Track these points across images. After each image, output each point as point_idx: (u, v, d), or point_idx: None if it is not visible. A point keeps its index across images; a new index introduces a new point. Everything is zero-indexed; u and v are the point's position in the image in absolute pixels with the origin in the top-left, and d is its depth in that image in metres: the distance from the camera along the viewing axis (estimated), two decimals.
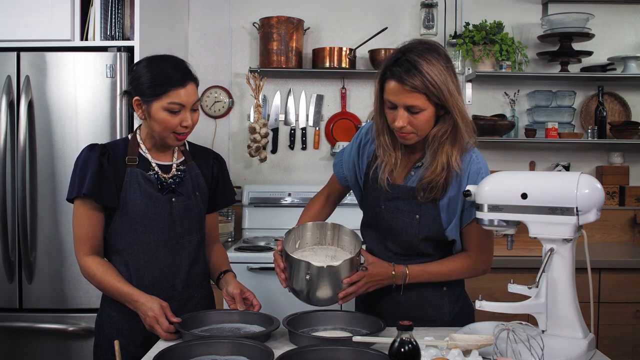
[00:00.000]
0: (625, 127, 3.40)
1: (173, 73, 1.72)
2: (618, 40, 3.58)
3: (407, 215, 1.73)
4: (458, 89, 1.63)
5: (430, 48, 1.62)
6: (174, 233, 1.79)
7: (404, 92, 1.58)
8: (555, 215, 1.45)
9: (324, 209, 2.01)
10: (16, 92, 2.64)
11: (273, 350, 1.40)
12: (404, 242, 1.75)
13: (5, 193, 2.65)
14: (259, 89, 3.39)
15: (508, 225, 1.54)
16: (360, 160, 1.86)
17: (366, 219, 1.87)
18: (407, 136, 1.65)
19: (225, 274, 1.90)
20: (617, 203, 3.51)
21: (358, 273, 1.63)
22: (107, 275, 1.72)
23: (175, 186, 1.80)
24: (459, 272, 1.76)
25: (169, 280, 1.80)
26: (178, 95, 1.70)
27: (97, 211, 1.74)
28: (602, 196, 1.46)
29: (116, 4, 2.74)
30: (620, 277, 2.91)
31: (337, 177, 1.95)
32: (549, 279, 1.48)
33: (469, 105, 3.57)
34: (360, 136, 1.88)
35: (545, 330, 1.48)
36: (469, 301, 1.90)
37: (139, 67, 1.75)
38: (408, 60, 1.58)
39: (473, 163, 1.69)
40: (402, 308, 1.76)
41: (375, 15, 3.57)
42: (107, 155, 1.75)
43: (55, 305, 2.67)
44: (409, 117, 1.61)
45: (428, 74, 1.56)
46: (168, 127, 1.72)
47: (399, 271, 1.70)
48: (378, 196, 1.78)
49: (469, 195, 1.59)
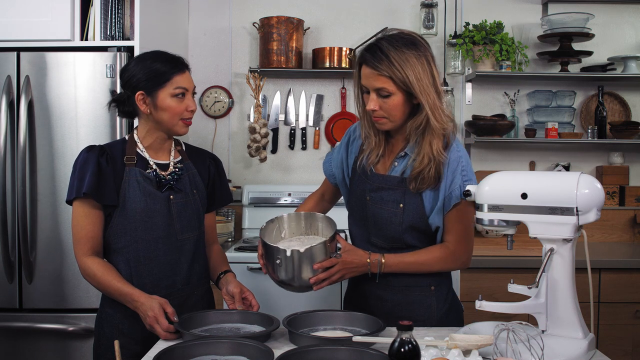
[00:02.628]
0: (625, 127, 3.40)
1: (171, 61, 1.79)
2: (618, 40, 3.58)
3: (391, 205, 1.75)
4: (431, 79, 1.67)
5: (404, 38, 1.68)
6: (173, 230, 1.81)
7: (372, 75, 1.66)
8: (555, 215, 1.45)
9: (319, 205, 2.05)
10: (16, 92, 2.64)
11: (273, 350, 1.40)
12: (388, 233, 1.76)
13: (5, 193, 2.65)
14: (259, 89, 3.39)
15: (508, 225, 1.54)
16: (348, 157, 1.91)
17: (352, 214, 1.90)
18: (380, 120, 1.72)
19: (225, 274, 1.92)
20: (617, 203, 3.51)
21: (330, 259, 1.66)
22: (107, 276, 1.72)
23: (173, 183, 1.82)
24: (436, 263, 1.76)
25: (168, 278, 1.81)
26: (182, 80, 1.78)
27: (97, 210, 1.75)
28: (602, 196, 1.46)
29: (116, 4, 2.74)
30: (620, 277, 2.91)
31: (326, 175, 2.00)
32: (549, 279, 1.48)
33: (469, 105, 3.58)
34: (349, 133, 1.94)
35: (545, 330, 1.48)
36: (458, 301, 1.91)
37: (132, 67, 1.80)
38: (378, 46, 1.67)
39: (453, 151, 1.73)
40: (389, 307, 1.76)
41: (375, 15, 3.57)
42: (105, 155, 1.77)
43: (55, 305, 2.67)
44: (379, 101, 1.68)
45: (394, 58, 1.63)
46: (176, 113, 1.78)
47: (375, 259, 1.72)
48: (363, 188, 1.81)
49: (469, 195, 1.59)
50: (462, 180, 1.71)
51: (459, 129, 3.58)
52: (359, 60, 1.71)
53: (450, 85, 3.39)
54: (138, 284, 1.74)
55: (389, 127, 1.74)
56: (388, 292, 1.79)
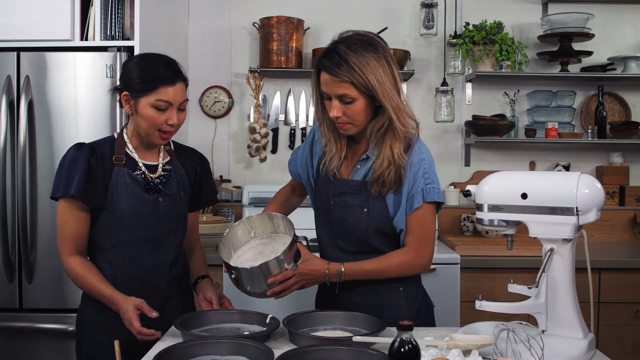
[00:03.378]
0: (625, 127, 3.40)
1: (163, 70, 1.72)
2: (618, 40, 3.58)
3: (356, 210, 1.73)
4: (393, 81, 1.64)
5: (362, 40, 1.64)
6: (159, 232, 1.81)
7: (333, 82, 1.62)
8: (555, 215, 1.45)
9: (288, 201, 2.03)
10: (16, 92, 2.64)
11: (273, 350, 1.40)
12: (354, 237, 1.75)
13: (5, 193, 2.65)
14: (259, 89, 3.39)
15: (508, 225, 1.54)
16: (312, 158, 1.88)
17: (318, 217, 1.88)
18: (344, 126, 1.69)
19: (202, 279, 1.93)
20: (617, 203, 3.51)
21: (285, 273, 1.63)
22: (90, 277, 1.73)
23: (161, 186, 1.81)
24: (397, 269, 1.73)
25: (152, 279, 1.81)
26: (166, 93, 1.71)
27: (83, 212, 1.75)
28: (602, 196, 1.46)
29: (116, 4, 2.74)
30: (620, 277, 2.91)
31: (291, 175, 1.98)
32: (549, 279, 1.48)
33: (469, 105, 3.58)
34: (312, 132, 1.90)
35: (545, 330, 1.48)
36: (428, 300, 1.89)
37: (130, 64, 1.76)
38: (336, 51, 1.62)
39: (415, 154, 1.70)
40: (359, 311, 1.72)
41: (375, 15, 3.57)
42: (95, 156, 1.75)
43: (55, 305, 2.67)
44: (342, 107, 1.64)
45: (355, 64, 1.59)
46: (154, 124, 1.73)
47: (334, 269, 1.70)
48: (327, 193, 1.79)
49: (468, 195, 1.59)
50: (425, 184, 1.68)
51: (458, 129, 3.59)
52: (317, 66, 1.66)
53: (450, 85, 3.39)
54: (122, 284, 1.75)
55: (354, 132, 1.71)
56: (358, 296, 1.78)
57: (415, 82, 3.57)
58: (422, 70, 3.58)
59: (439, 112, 3.38)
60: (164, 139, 1.78)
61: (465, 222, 3.42)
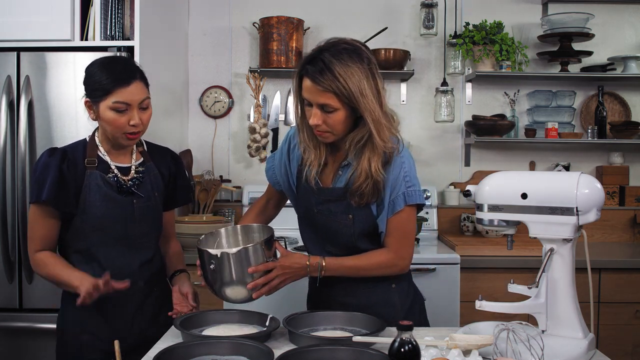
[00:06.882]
0: (625, 127, 3.40)
1: (118, 72, 1.72)
2: (618, 40, 3.58)
3: (340, 217, 1.73)
4: (376, 93, 1.62)
5: (348, 48, 1.61)
6: (134, 234, 1.82)
7: (317, 91, 1.59)
8: (555, 215, 1.45)
9: (263, 214, 2.00)
10: (16, 92, 2.64)
11: (273, 350, 1.40)
12: (341, 241, 1.76)
13: (5, 193, 2.65)
14: (259, 89, 3.39)
15: (508, 225, 1.54)
16: (290, 164, 1.86)
17: (302, 221, 1.87)
18: (322, 135, 1.67)
19: (180, 273, 1.96)
20: (617, 203, 3.51)
21: (266, 264, 1.63)
22: (55, 266, 1.76)
23: (135, 188, 1.82)
24: (376, 268, 1.74)
25: (129, 279, 1.80)
26: (122, 94, 1.70)
27: (53, 217, 1.77)
28: (602, 196, 1.46)
29: (116, 4, 2.73)
30: (620, 277, 2.91)
31: (270, 182, 1.95)
32: (549, 279, 1.48)
33: (469, 105, 3.58)
34: (288, 139, 1.87)
35: (545, 330, 1.48)
36: (419, 294, 1.89)
37: (91, 69, 1.76)
38: (322, 60, 1.59)
39: (394, 159, 1.68)
40: (352, 310, 1.72)
41: (375, 15, 3.57)
42: (66, 161, 1.76)
43: (55, 305, 2.64)
44: (323, 116, 1.62)
45: (339, 73, 1.57)
46: (117, 127, 1.73)
47: (314, 262, 1.70)
48: (310, 200, 1.78)
49: (468, 195, 1.59)
50: (406, 187, 1.68)
51: (458, 129, 3.59)
52: (301, 72, 1.63)
53: (450, 85, 3.39)
54: None
55: (332, 139, 1.69)
56: (350, 296, 1.78)
57: (415, 82, 3.57)
58: (422, 70, 3.58)
59: (439, 112, 3.38)
60: (131, 140, 1.78)
61: (465, 222, 3.42)
